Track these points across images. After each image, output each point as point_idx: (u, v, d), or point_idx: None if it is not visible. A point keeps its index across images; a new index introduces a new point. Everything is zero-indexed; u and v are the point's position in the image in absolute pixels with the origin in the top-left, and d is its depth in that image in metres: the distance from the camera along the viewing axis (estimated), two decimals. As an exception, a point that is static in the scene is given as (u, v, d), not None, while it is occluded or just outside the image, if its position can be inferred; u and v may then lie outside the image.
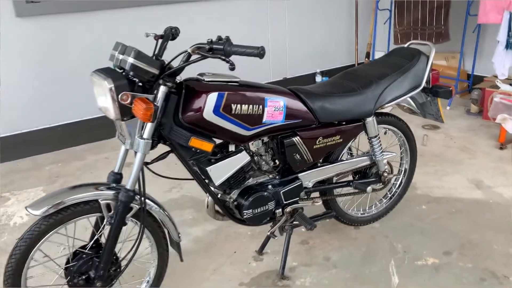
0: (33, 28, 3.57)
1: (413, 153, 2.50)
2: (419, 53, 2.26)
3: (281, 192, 2.00)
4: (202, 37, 4.34)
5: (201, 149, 1.76)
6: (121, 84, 1.55)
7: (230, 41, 1.59)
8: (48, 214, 1.62)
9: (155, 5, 4.08)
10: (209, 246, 2.45)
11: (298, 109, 1.93)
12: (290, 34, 4.90)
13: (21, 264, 1.63)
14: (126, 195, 1.68)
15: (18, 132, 3.69)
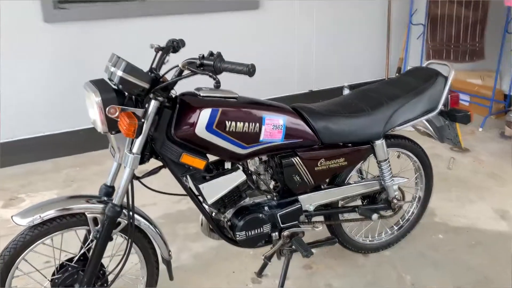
0: (60, 34, 3.64)
1: (428, 179, 2.35)
2: (437, 74, 2.12)
3: (277, 214, 1.91)
4: (227, 48, 4.31)
5: (192, 166, 1.70)
6: (109, 97, 1.51)
7: (221, 57, 1.52)
8: (33, 225, 1.61)
9: (182, 15, 4.09)
10: (208, 263, 2.39)
11: (299, 128, 1.84)
12: (317, 46, 4.79)
13: (4, 273, 1.61)
14: (113, 210, 1.64)
15: (41, 134, 3.76)
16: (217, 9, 4.23)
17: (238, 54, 4.38)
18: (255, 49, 4.49)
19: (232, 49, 4.37)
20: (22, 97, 3.63)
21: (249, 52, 4.46)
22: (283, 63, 4.69)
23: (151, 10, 3.94)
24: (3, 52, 3.48)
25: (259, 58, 4.52)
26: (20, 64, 3.57)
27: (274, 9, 4.46)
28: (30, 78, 3.62)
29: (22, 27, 3.50)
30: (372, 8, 4.93)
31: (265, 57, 4.56)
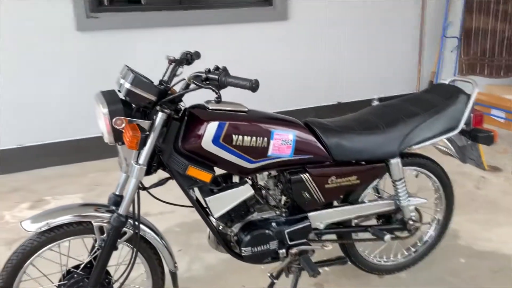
0: (91, 42, 3.75)
1: (449, 200, 2.25)
2: (459, 91, 2.04)
3: (285, 231, 1.87)
4: (256, 59, 4.34)
5: (198, 178, 1.70)
6: (116, 109, 1.53)
7: (226, 71, 1.52)
8: (41, 231, 1.64)
9: (212, 25, 4.13)
10: (219, 276, 2.37)
11: (310, 144, 1.81)
12: (346, 57, 4.73)
13: (12, 277, 1.65)
14: (118, 219, 1.65)
15: (71, 138, 3.87)
16: (247, 20, 4.25)
17: (266, 65, 4.40)
18: (284, 60, 4.48)
19: (260, 59, 4.38)
20: (54, 102, 3.75)
21: (277, 62, 4.46)
22: (311, 74, 4.65)
23: (180, 21, 4.00)
24: (39, 59, 3.62)
25: (287, 69, 4.52)
26: (54, 70, 3.70)
27: (303, 20, 4.45)
28: (61, 84, 3.74)
29: (56, 35, 3.63)
30: (403, 20, 4.83)
31: (293, 67, 4.54)
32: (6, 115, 3.64)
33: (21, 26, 3.50)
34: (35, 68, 3.63)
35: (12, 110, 3.65)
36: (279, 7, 4.30)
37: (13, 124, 3.68)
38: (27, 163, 3.76)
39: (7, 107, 3.63)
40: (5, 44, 3.49)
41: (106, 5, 3.84)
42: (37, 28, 3.55)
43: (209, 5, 4.15)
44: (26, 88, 3.64)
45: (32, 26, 3.53)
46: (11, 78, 3.59)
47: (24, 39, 3.54)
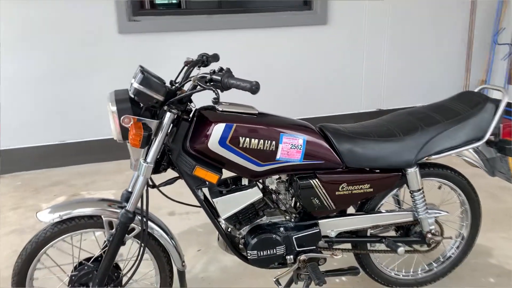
0: (132, 44, 3.89)
1: (475, 215, 2.12)
2: (486, 100, 1.92)
3: (293, 237, 1.84)
4: (293, 63, 4.33)
5: (205, 179, 1.71)
6: (124, 108, 1.58)
7: (229, 73, 1.52)
8: (54, 223, 1.72)
9: (249, 29, 4.16)
10: (234, 279, 2.37)
11: (321, 149, 1.77)
12: (388, 63, 4.60)
13: (26, 265, 1.74)
14: (125, 215, 1.69)
15: (109, 137, 4.03)
16: (285, 24, 4.24)
17: (303, 69, 4.38)
18: (322, 64, 4.43)
19: (298, 64, 4.36)
20: (94, 102, 3.92)
21: (315, 67, 4.41)
22: (350, 79, 4.57)
23: (219, 24, 4.06)
24: (82, 59, 3.80)
25: (325, 73, 4.46)
26: (96, 71, 3.86)
27: (343, 25, 4.38)
28: (102, 84, 3.90)
29: (99, 37, 3.79)
30: (451, 24, 4.63)
31: (332, 72, 4.48)
32: (50, 113, 3.85)
33: (67, 28, 3.69)
34: (77, 68, 3.82)
35: (56, 108, 3.85)
36: (319, 11, 4.26)
37: (57, 122, 3.88)
38: (68, 159, 3.95)
39: (52, 105, 3.84)
40: (50, 44, 3.70)
41: (147, 9, 3.97)
42: (82, 30, 3.73)
43: (248, 9, 4.18)
44: (69, 88, 3.83)
45: (77, 27, 3.72)
46: (56, 78, 3.79)
47: (68, 40, 3.73)
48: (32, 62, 3.70)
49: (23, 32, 3.62)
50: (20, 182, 3.71)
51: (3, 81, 3.68)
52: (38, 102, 3.81)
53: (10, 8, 3.54)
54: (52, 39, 3.69)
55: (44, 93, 3.81)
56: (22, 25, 3.60)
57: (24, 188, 3.60)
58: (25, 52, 3.67)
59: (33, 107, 3.80)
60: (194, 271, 2.46)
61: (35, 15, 3.60)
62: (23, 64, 3.69)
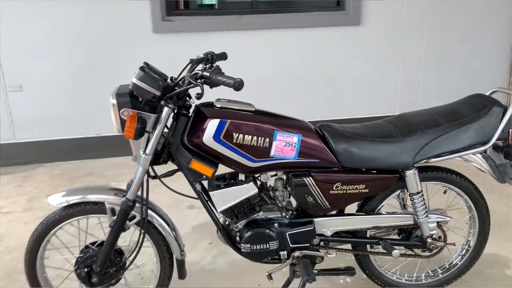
0: (165, 43, 4.05)
1: (483, 223, 2.05)
2: (493, 103, 1.85)
3: (286, 233, 1.87)
4: (325, 64, 4.32)
5: (201, 172, 1.78)
6: (124, 101, 1.68)
7: (218, 70, 1.58)
8: (63, 207, 1.85)
9: (281, 29, 4.20)
10: (239, 272, 2.43)
11: (316, 148, 1.79)
12: (425, 64, 4.48)
13: (37, 244, 1.89)
14: (125, 203, 1.80)
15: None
16: (317, 24, 4.25)
17: (334, 70, 4.36)
18: (355, 66, 4.39)
19: (329, 64, 4.34)
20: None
21: (346, 68, 4.38)
22: (384, 81, 4.49)
23: (250, 24, 4.13)
24: (118, 58, 4.00)
25: (358, 75, 4.42)
26: (131, 69, 4.04)
27: (377, 25, 4.32)
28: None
29: (134, 36, 3.98)
30: (493, 23, 4.44)
31: (365, 74, 4.43)
32: (88, 108, 4.08)
33: (105, 27, 3.90)
34: (114, 65, 4.02)
35: (94, 104, 4.08)
36: (352, 11, 4.23)
37: (94, 116, 4.11)
38: (103, 151, 4.16)
39: (90, 101, 4.07)
40: (90, 42, 3.92)
41: (181, 9, 4.11)
42: (118, 29, 3.93)
43: (280, 9, 4.22)
44: (106, 85, 4.04)
45: (114, 27, 3.92)
46: (93, 75, 4.01)
47: (106, 39, 3.94)
48: (71, 59, 3.95)
49: (64, 31, 3.87)
50: (58, 171, 3.96)
51: (48, 77, 3.95)
52: (78, 98, 4.05)
53: (50, 7, 3.79)
54: (91, 38, 3.92)
55: (83, 90, 4.04)
56: (62, 24, 3.85)
57: (61, 177, 3.84)
58: (66, 49, 3.91)
59: (74, 102, 4.04)
60: (203, 263, 2.54)
61: (73, 14, 3.84)
62: (63, 60, 3.94)
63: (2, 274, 2.46)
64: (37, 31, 3.84)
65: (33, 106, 4.02)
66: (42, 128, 4.08)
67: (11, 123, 4.03)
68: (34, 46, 3.87)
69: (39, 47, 3.88)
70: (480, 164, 1.93)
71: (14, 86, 3.95)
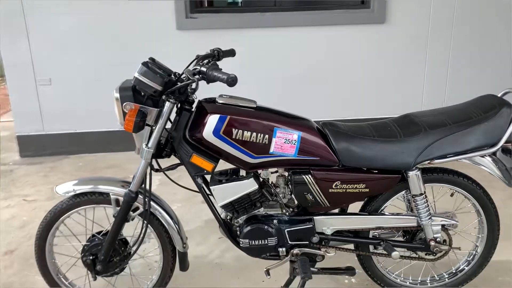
0: (189, 40, 4.11)
1: (491, 228, 1.98)
2: (502, 104, 1.79)
3: (285, 230, 1.87)
4: (349, 62, 4.27)
5: (201, 167, 1.81)
6: (126, 95, 1.73)
7: (214, 65, 1.60)
8: (71, 196, 1.93)
9: (303, 27, 4.18)
10: (245, 268, 2.44)
11: (316, 146, 1.78)
12: (454, 63, 4.34)
13: (46, 231, 1.97)
14: (128, 195, 1.85)
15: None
16: (341, 22, 4.20)
17: (359, 69, 4.30)
18: (379, 65, 4.32)
19: (354, 63, 4.29)
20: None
21: (370, 67, 4.32)
22: (409, 81, 4.40)
23: (274, 22, 4.13)
24: (143, 54, 4.08)
25: (382, 75, 4.35)
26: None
27: (403, 23, 4.23)
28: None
29: (158, 33, 4.06)
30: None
31: (389, 74, 4.35)
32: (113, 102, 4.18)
33: (130, 24, 4.00)
34: (139, 61, 4.10)
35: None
36: (377, 10, 4.16)
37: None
38: (127, 144, 4.26)
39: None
40: (116, 39, 4.03)
41: (204, 7, 4.16)
42: (143, 26, 4.02)
43: (303, 7, 4.20)
44: (130, 79, 4.14)
45: (139, 24, 4.01)
46: (118, 71, 4.11)
47: (131, 36, 4.04)
48: (98, 54, 4.07)
49: (91, 27, 4.00)
50: (82, 163, 4.10)
51: (76, 72, 4.09)
52: (104, 92, 4.16)
53: (78, 5, 3.92)
54: (116, 34, 4.03)
55: (108, 84, 4.14)
56: (90, 21, 3.98)
57: (84, 168, 3.98)
58: (92, 45, 4.04)
59: (99, 96, 4.16)
60: (211, 256, 2.58)
61: (99, 12, 3.95)
62: (90, 56, 4.07)
63: (21, 259, 2.58)
64: (66, 27, 3.98)
65: (61, 100, 4.16)
66: (69, 120, 4.22)
67: (41, 115, 4.20)
68: (63, 41, 4.01)
69: (67, 43, 4.02)
70: (489, 167, 1.87)
71: (44, 80, 4.11)
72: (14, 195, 3.46)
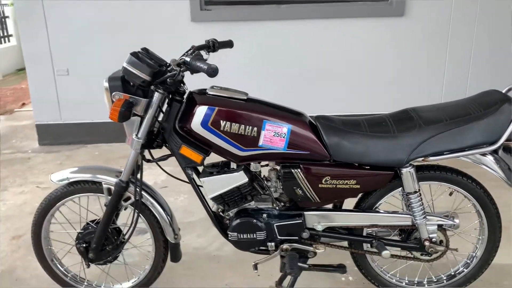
0: (203, 32, 4.10)
1: (493, 230, 1.89)
2: (505, 100, 1.69)
3: (274, 224, 1.84)
4: (365, 56, 4.18)
5: (190, 158, 1.80)
6: (115, 85, 1.73)
7: (197, 56, 1.59)
8: (65, 184, 1.95)
9: (319, 19, 4.11)
10: (242, 261, 2.43)
11: (306, 140, 1.74)
12: (476, 57, 4.18)
13: (41, 218, 2.01)
14: (118, 184, 1.87)
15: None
16: (357, 15, 4.11)
17: (377, 62, 4.19)
18: (397, 59, 4.21)
19: (371, 57, 4.20)
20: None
21: (389, 60, 4.21)
22: (428, 76, 4.26)
23: (289, 14, 4.08)
24: (158, 46, 4.11)
25: (400, 69, 4.24)
26: (170, 56, 4.14)
27: (423, 16, 4.09)
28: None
29: (173, 25, 4.07)
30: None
31: (408, 68, 4.23)
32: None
33: (145, 16, 4.03)
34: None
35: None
36: (395, 2, 4.04)
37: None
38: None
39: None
40: (127, 31, 4.07)
41: (219, -1, 4.15)
42: (158, 18, 4.04)
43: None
44: (145, 70, 4.17)
45: (153, 15, 4.04)
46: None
47: (145, 27, 4.06)
48: (113, 46, 4.11)
49: (107, 19, 4.05)
50: (98, 152, 4.17)
51: (92, 62, 4.15)
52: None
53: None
54: (131, 26, 4.06)
55: (123, 74, 4.21)
56: (106, 13, 4.03)
57: (99, 157, 4.05)
58: (108, 37, 4.09)
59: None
60: (210, 249, 2.58)
61: (115, 3, 3.99)
62: (106, 47, 4.12)
63: (27, 244, 2.64)
64: (83, 19, 4.04)
65: (78, 90, 4.24)
66: (86, 110, 4.29)
67: (58, 105, 4.29)
68: (80, 32, 4.08)
69: (85, 34, 4.09)
70: (491, 166, 1.78)
71: (62, 70, 4.20)
72: (28, 182, 3.56)
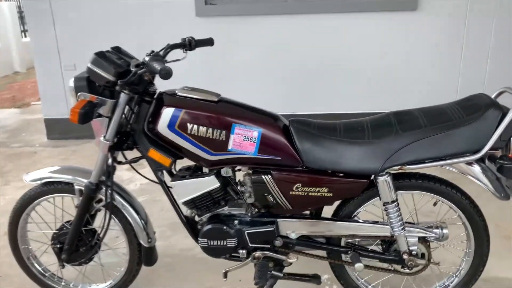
0: (208, 27, 4.04)
1: (479, 243, 1.76)
2: (490, 106, 1.56)
3: (245, 232, 1.77)
4: (377, 51, 4.02)
5: (158, 162, 1.75)
6: (80, 85, 1.69)
7: (155, 55, 1.53)
8: (39, 185, 1.94)
9: (329, 13, 3.99)
10: (226, 265, 2.35)
11: (278, 145, 1.66)
12: (494, 53, 3.96)
13: (17, 217, 2.00)
14: (88, 186, 1.83)
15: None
16: (368, 9, 3.96)
17: (388, 59, 4.03)
18: (409, 55, 4.04)
19: (382, 53, 4.04)
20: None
21: (400, 56, 4.04)
22: (443, 71, 4.07)
23: (296, 9, 3.97)
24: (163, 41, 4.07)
25: (413, 64, 4.07)
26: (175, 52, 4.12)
27: (437, 10, 3.91)
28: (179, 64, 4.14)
29: (178, 20, 4.03)
30: None
31: (421, 64, 4.06)
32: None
33: (149, 11, 4.00)
34: (157, 49, 4.09)
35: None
36: (408, -4, 3.86)
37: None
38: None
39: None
40: (132, 26, 4.05)
41: (224, -7, 4.07)
42: (162, 13, 4.01)
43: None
44: (149, 65, 4.15)
45: (158, 10, 4.00)
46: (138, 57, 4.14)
47: (150, 23, 4.04)
48: (119, 41, 4.07)
49: (112, 15, 4.04)
50: (102, 148, 4.18)
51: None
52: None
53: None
54: (136, 21, 4.05)
55: (128, 70, 4.20)
56: (111, 8, 4.02)
57: (103, 153, 4.05)
58: (114, 32, 4.11)
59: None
60: (197, 250, 2.51)
61: (122, 1, 3.99)
62: (111, 43, 4.08)
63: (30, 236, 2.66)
64: (90, 14, 4.05)
65: (85, 85, 4.26)
66: (92, 106, 4.31)
67: (66, 99, 4.32)
68: (87, 28, 4.10)
69: (91, 29, 4.10)
70: (477, 176, 1.65)
71: (69, 65, 4.22)
72: (31, 177, 3.59)
